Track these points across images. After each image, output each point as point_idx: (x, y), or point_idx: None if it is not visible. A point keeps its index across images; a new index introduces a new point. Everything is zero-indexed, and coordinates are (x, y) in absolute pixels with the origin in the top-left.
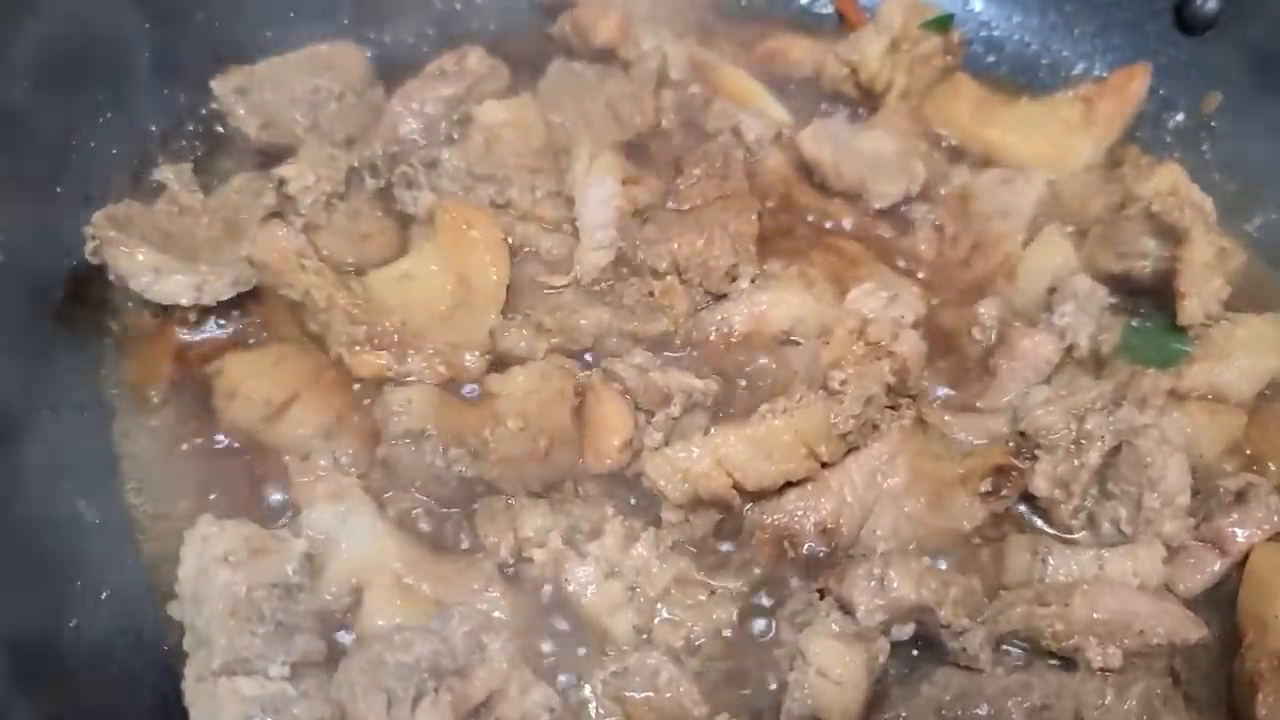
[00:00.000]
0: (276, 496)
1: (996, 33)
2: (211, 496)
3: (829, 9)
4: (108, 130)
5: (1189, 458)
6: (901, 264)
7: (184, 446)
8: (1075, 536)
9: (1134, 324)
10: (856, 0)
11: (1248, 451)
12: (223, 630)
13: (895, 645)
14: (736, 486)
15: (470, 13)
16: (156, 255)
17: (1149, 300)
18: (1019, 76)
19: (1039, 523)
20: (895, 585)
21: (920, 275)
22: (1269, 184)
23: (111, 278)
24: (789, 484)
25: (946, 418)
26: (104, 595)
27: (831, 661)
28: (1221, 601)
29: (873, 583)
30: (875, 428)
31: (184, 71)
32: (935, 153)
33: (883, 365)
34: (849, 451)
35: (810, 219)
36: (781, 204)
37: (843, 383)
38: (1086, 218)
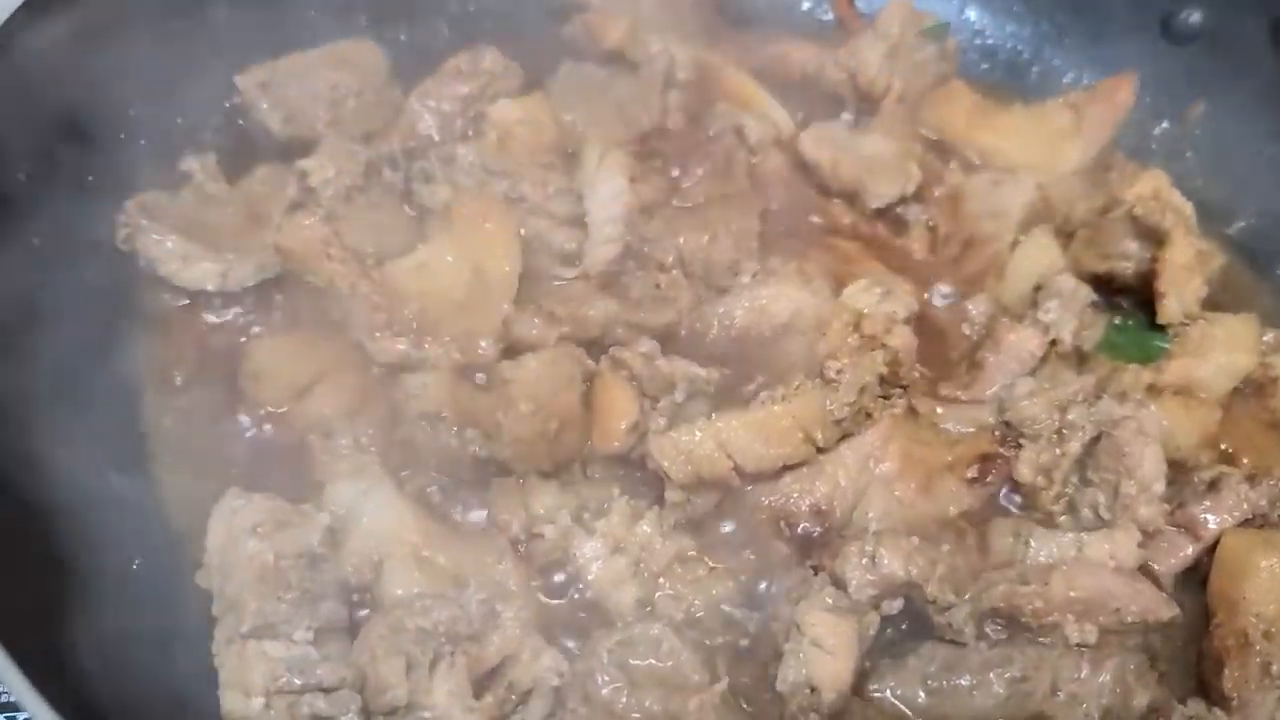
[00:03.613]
0: (300, 473)
1: (990, 41)
2: (237, 472)
3: (830, 15)
4: (136, 122)
5: (1166, 449)
6: (896, 262)
7: (210, 425)
8: (1057, 521)
9: (1116, 321)
10: (856, 8)
11: (1222, 444)
12: (253, 595)
13: (886, 620)
14: (736, 469)
15: (484, 14)
16: (184, 243)
17: (1131, 299)
18: (1011, 83)
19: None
20: (886, 562)
21: (913, 273)
22: (1249, 190)
23: (141, 264)
24: (786, 467)
25: (938, 408)
26: (135, 564)
27: (825, 632)
28: (1195, 583)
29: (864, 560)
30: (868, 415)
31: (210, 66)
32: (930, 155)
33: (876, 356)
34: (843, 438)
35: (809, 218)
36: (782, 203)
37: (838, 372)
38: (1073, 220)
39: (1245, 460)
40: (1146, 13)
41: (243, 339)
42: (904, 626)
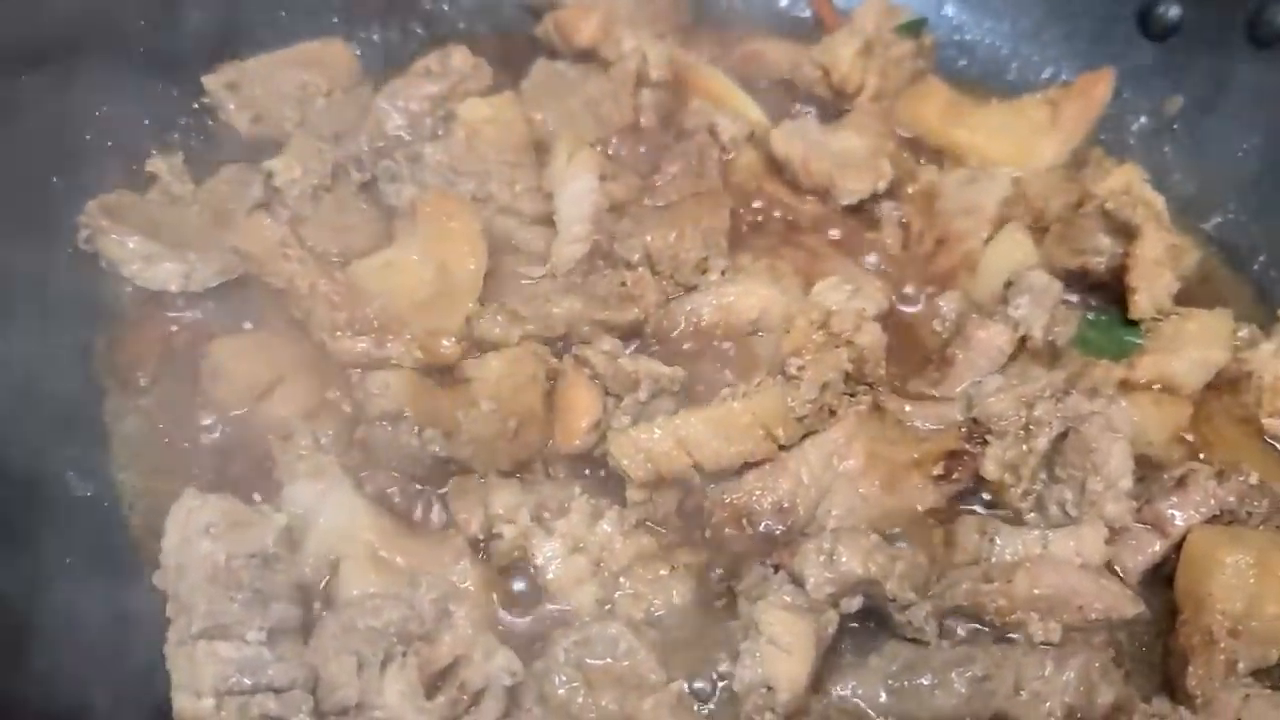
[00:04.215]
0: (260, 474)
1: (968, 36)
2: (197, 473)
3: (808, 12)
4: (103, 123)
5: (1137, 445)
6: (868, 259)
7: (171, 426)
8: (1025, 518)
9: (1089, 317)
10: (833, 4)
11: (1192, 440)
12: (203, 597)
13: (849, 619)
14: (696, 466)
15: (457, 13)
16: (147, 243)
17: (1104, 294)
18: (989, 79)
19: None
20: (844, 560)
21: (885, 269)
22: (1225, 184)
23: (103, 264)
24: (748, 465)
25: (907, 407)
26: (92, 564)
27: (782, 631)
28: (1163, 580)
29: (822, 557)
30: (833, 413)
31: (178, 67)
32: (904, 152)
33: (840, 354)
34: (806, 435)
35: (781, 215)
36: (754, 200)
37: (799, 369)
38: (1048, 215)
39: (1217, 456)
40: (1124, 7)
41: (206, 339)
42: (869, 625)
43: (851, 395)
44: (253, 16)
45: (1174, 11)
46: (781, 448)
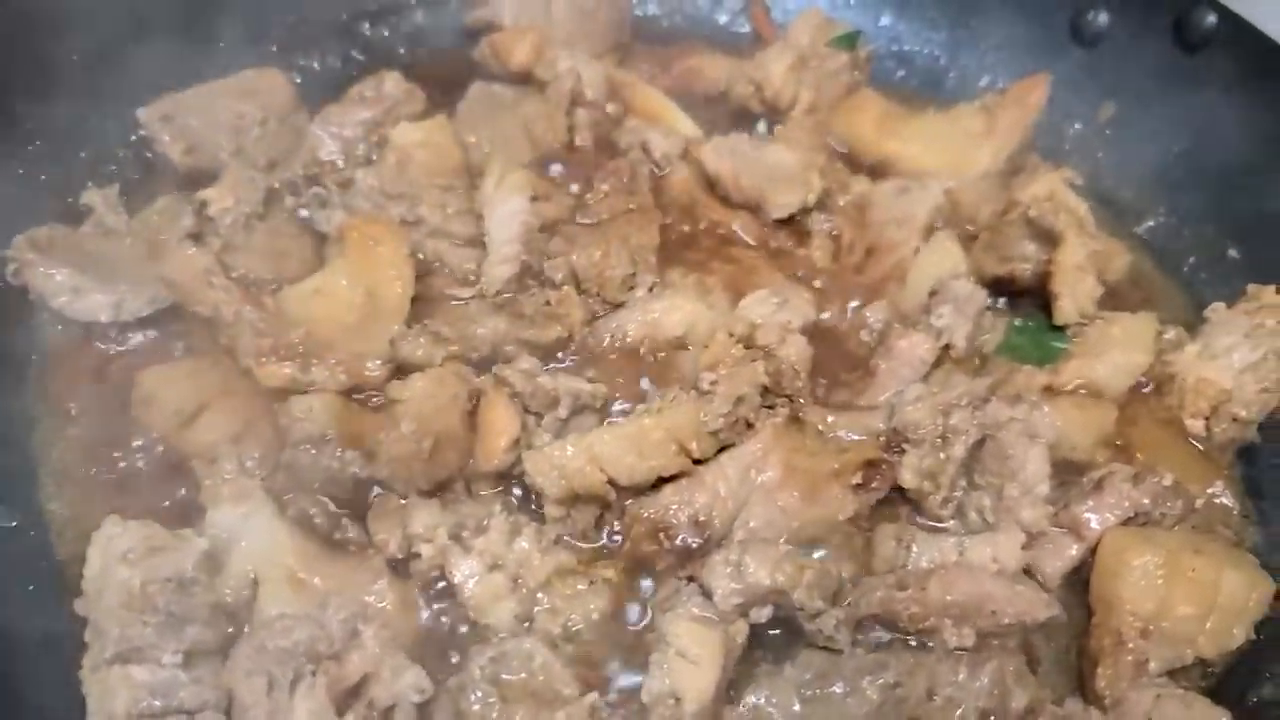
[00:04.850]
0: (185, 499)
1: (906, 47)
2: (125, 500)
3: (748, 28)
4: (36, 157)
5: (1061, 449)
6: (799, 272)
7: (101, 454)
8: (946, 525)
9: (1016, 323)
10: (771, 19)
11: (1119, 443)
12: (116, 621)
13: (768, 629)
14: (611, 481)
15: (397, 38)
16: (76, 276)
17: (1032, 300)
18: (927, 89)
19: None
20: (751, 570)
21: (815, 282)
22: (1157, 189)
23: (32, 297)
24: (665, 479)
25: (830, 418)
26: (16, 593)
27: (690, 642)
28: (1083, 583)
29: (730, 569)
30: (750, 426)
31: (114, 99)
32: (837, 164)
33: (756, 367)
34: (723, 448)
35: (714, 230)
36: (686, 216)
37: (713, 383)
38: (979, 223)
39: (1141, 458)
40: (1057, 15)
41: (137, 368)
42: (785, 634)
43: (770, 408)
44: (191, 47)
45: (1103, 18)
46: (697, 462)
